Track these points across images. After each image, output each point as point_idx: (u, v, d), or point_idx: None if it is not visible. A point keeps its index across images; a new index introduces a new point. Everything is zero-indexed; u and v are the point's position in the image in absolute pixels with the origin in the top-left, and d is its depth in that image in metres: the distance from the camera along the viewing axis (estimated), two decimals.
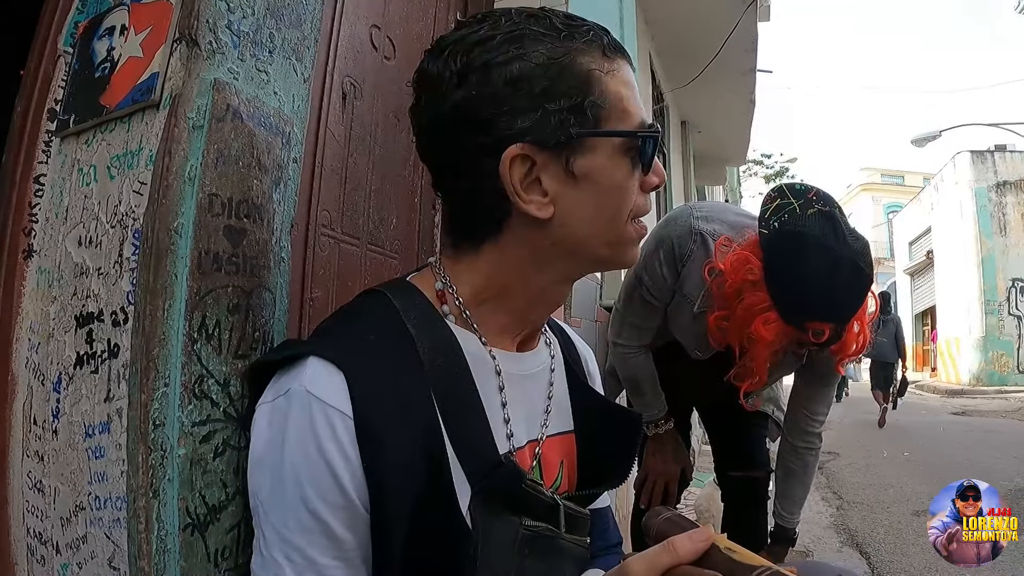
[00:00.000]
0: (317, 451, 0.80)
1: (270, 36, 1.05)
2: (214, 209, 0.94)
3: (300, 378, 0.83)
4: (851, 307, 1.69)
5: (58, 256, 1.04)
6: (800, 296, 1.66)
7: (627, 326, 2.23)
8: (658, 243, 2.03)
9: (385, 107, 1.46)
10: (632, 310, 2.19)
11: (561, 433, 1.07)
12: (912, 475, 6.18)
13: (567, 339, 1.19)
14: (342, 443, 0.80)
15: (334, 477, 0.80)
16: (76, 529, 0.96)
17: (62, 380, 1.00)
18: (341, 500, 0.80)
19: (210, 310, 0.93)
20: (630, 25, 4.03)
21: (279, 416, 0.83)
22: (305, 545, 0.80)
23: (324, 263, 1.25)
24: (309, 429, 0.80)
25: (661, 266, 2.02)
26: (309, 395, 0.81)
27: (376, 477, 0.81)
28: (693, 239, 1.96)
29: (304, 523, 0.80)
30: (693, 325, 2.03)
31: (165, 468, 0.88)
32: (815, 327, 1.66)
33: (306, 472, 0.80)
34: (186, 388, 0.90)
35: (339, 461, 0.80)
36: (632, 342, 2.23)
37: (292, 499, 0.80)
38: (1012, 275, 19.35)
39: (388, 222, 1.44)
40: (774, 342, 1.71)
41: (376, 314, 0.93)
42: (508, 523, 0.90)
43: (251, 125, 1.00)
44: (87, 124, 1.04)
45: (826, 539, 4.38)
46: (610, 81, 0.90)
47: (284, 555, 0.80)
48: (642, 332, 2.21)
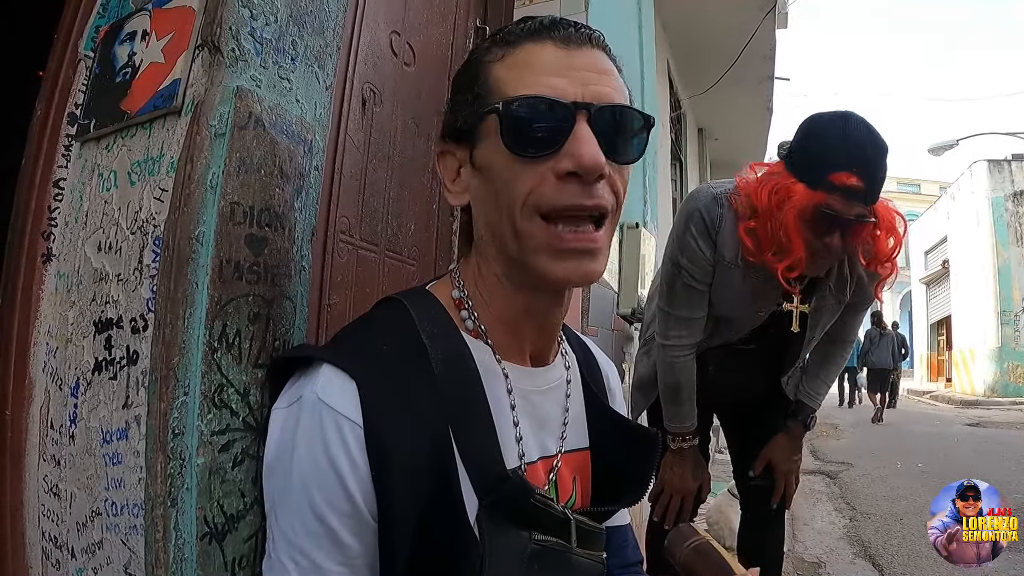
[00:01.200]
0: (326, 458, 0.81)
1: (293, 43, 1.05)
2: (236, 218, 0.94)
3: (313, 385, 0.84)
4: (870, 154, 1.78)
5: (77, 261, 1.05)
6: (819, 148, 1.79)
7: (675, 321, 2.16)
8: (687, 220, 2.04)
9: (404, 113, 1.46)
10: (677, 302, 2.14)
11: (576, 450, 1.06)
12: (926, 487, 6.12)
13: (588, 354, 1.17)
14: (351, 451, 0.81)
15: (342, 484, 0.80)
16: (92, 534, 0.97)
17: (80, 385, 1.00)
18: (348, 507, 0.81)
19: (231, 319, 0.93)
20: (648, 33, 4.03)
21: (291, 422, 0.84)
22: (311, 549, 0.81)
23: (342, 269, 1.24)
24: (319, 436, 0.81)
25: (696, 241, 2.02)
26: (320, 402, 0.82)
27: (384, 486, 0.81)
28: (719, 203, 2.00)
29: (310, 528, 0.81)
30: (743, 286, 2.04)
31: (183, 477, 0.88)
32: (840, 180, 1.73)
33: (314, 478, 0.81)
34: (206, 397, 0.89)
35: (347, 468, 0.80)
36: (683, 339, 2.16)
37: (299, 504, 0.81)
38: None
39: (406, 228, 1.44)
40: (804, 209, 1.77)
41: (391, 324, 0.93)
42: (517, 537, 0.89)
43: (273, 133, 0.99)
44: (108, 129, 1.04)
45: (839, 551, 4.35)
46: (495, 67, 0.91)
47: (290, 558, 0.81)
48: (692, 325, 2.15)
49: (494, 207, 0.90)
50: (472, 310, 0.97)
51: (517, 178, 0.87)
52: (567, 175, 0.85)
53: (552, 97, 0.85)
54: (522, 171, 0.86)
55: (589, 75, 0.88)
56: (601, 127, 0.86)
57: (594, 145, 0.84)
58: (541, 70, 0.87)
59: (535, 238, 0.87)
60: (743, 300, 2.10)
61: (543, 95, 0.85)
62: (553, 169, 0.85)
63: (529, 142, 0.86)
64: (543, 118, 0.85)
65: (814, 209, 1.76)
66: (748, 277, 2.01)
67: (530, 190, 0.86)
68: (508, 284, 0.94)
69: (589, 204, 0.86)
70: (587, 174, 0.85)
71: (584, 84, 0.87)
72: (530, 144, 0.86)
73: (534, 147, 0.86)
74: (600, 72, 0.89)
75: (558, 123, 0.85)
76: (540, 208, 0.86)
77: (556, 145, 0.85)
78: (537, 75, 0.87)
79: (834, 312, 2.15)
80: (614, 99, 0.89)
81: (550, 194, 0.85)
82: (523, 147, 0.86)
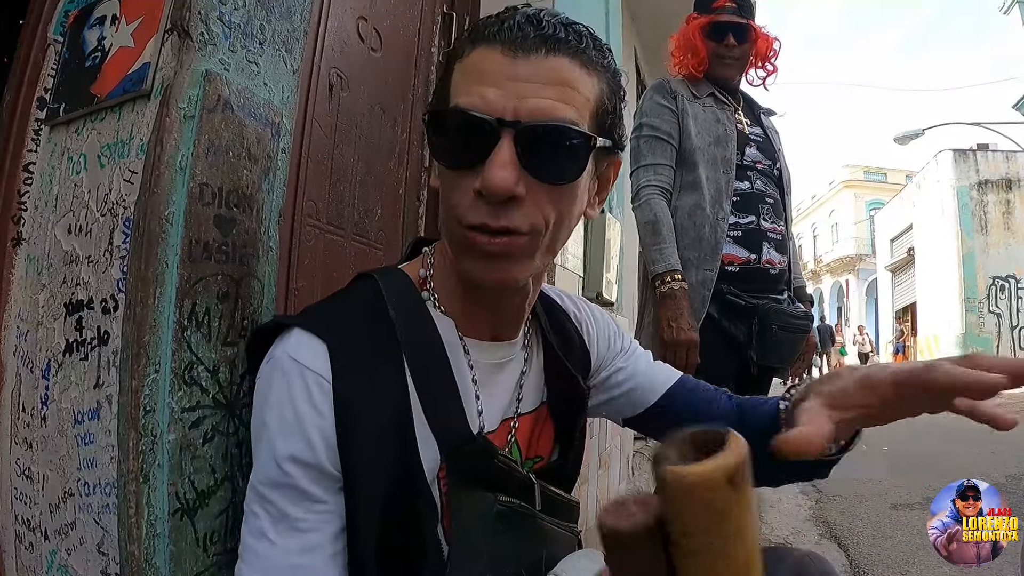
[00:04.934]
0: (292, 409, 0.84)
1: (261, 28, 1.06)
2: (205, 198, 0.95)
3: (285, 346, 0.88)
4: None
5: (47, 244, 1.05)
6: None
7: (643, 170, 2.48)
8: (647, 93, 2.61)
9: (371, 99, 1.47)
10: (643, 154, 2.50)
11: (533, 410, 1.09)
12: (891, 469, 6.21)
13: (559, 314, 1.18)
14: (317, 403, 0.84)
15: (305, 435, 0.84)
16: (65, 515, 0.98)
17: (51, 367, 1.01)
18: (311, 457, 0.84)
19: (200, 298, 0.95)
20: (616, 20, 4.05)
21: (264, 380, 0.88)
22: (277, 497, 0.84)
23: (309, 253, 1.25)
24: (286, 389, 0.85)
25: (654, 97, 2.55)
26: (291, 359, 0.86)
27: (347, 441, 0.85)
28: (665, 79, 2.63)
29: (276, 477, 0.84)
30: (705, 114, 2.52)
31: (155, 453, 0.89)
32: (720, 4, 2.52)
33: (280, 428, 0.84)
34: (176, 375, 0.91)
35: (312, 420, 0.84)
36: (652, 181, 2.44)
37: (267, 454, 0.85)
38: (992, 273, 19.50)
39: (373, 213, 1.45)
40: (702, 25, 2.53)
41: (362, 295, 0.97)
42: (482, 498, 0.93)
43: (241, 116, 1.01)
44: (77, 113, 1.05)
45: (805, 532, 4.41)
46: (456, 68, 0.90)
47: (261, 505, 0.84)
48: (659, 169, 2.46)
49: (443, 206, 0.92)
50: (433, 291, 1.00)
51: (450, 186, 0.88)
52: (477, 194, 0.84)
53: (478, 112, 0.83)
54: (453, 180, 0.87)
55: (528, 87, 0.84)
56: (526, 146, 0.83)
57: (506, 168, 0.82)
58: (481, 79, 0.85)
59: (458, 241, 0.89)
60: (709, 126, 2.49)
61: (470, 109, 0.83)
62: (471, 185, 0.85)
63: (452, 155, 0.87)
64: (467, 133, 0.84)
65: (707, 23, 2.52)
66: (706, 107, 2.53)
67: (456, 202, 0.87)
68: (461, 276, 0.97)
69: (494, 226, 0.85)
70: (491, 197, 0.83)
71: (520, 97, 0.83)
72: (453, 157, 0.87)
73: (456, 161, 0.87)
74: (544, 83, 0.84)
75: (480, 139, 0.83)
76: (462, 215, 0.86)
77: (478, 162, 0.84)
78: (477, 84, 0.85)
79: (776, 144, 2.64)
80: (553, 114, 0.84)
81: (465, 210, 0.86)
82: (446, 159, 0.88)
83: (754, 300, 2.36)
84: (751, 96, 2.76)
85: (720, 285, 2.36)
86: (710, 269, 2.35)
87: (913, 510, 4.76)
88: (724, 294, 2.36)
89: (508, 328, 1.05)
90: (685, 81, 2.61)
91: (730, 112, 2.57)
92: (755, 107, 2.73)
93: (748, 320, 2.36)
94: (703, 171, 2.42)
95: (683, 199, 2.43)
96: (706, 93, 2.57)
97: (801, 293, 2.69)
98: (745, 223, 2.43)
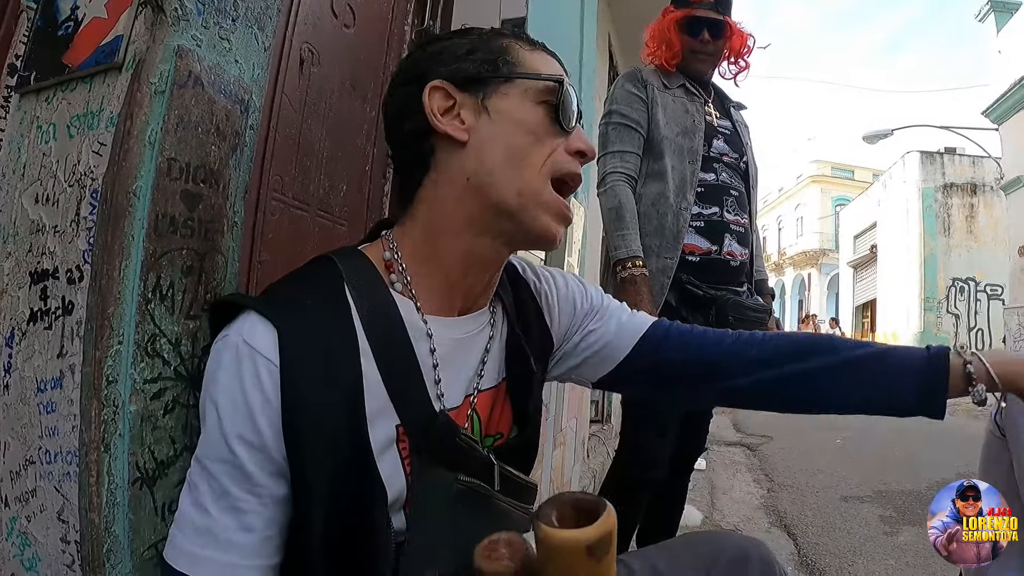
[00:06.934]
0: (240, 392, 0.86)
1: (234, 4, 1.06)
2: (172, 173, 0.96)
3: (239, 327, 0.90)
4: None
5: (14, 212, 1.05)
6: None
7: (610, 156, 2.54)
8: (619, 82, 2.65)
9: (342, 75, 1.47)
10: (610, 141, 2.55)
11: (492, 387, 1.11)
12: (843, 462, 6.32)
13: (520, 287, 1.20)
14: (264, 388, 0.86)
15: (251, 417, 0.86)
16: (26, 483, 0.98)
17: (15, 335, 1.01)
18: (256, 439, 0.86)
19: (165, 271, 0.96)
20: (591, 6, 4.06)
21: (215, 357, 0.90)
22: (220, 474, 0.86)
23: (274, 227, 1.25)
24: (235, 372, 0.87)
25: (625, 85, 2.59)
26: (243, 342, 0.88)
27: (294, 426, 0.87)
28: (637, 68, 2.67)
29: (221, 455, 0.86)
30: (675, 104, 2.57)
31: (117, 423, 0.90)
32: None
33: (228, 408, 0.86)
34: (139, 346, 0.92)
35: (259, 404, 0.86)
36: (618, 168, 2.50)
37: (214, 431, 0.87)
38: (952, 275, 19.87)
39: (338, 189, 1.45)
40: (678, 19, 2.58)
41: (319, 279, 0.99)
42: (443, 477, 0.96)
43: (212, 92, 1.01)
44: (48, 82, 1.05)
45: (756, 519, 4.49)
46: (527, 54, 1.05)
47: (204, 480, 0.86)
48: (625, 156, 2.52)
49: (506, 151, 0.99)
50: (404, 273, 1.02)
51: (543, 137, 1.01)
52: (576, 153, 1.04)
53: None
54: (548, 135, 1.02)
55: None
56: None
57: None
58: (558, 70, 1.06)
59: (543, 197, 1.01)
60: (678, 116, 2.54)
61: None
62: (565, 145, 1.03)
63: (569, 119, 1.03)
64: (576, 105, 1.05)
65: (683, 17, 2.57)
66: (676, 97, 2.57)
67: (550, 153, 1.01)
68: (472, 230, 1.01)
69: (579, 177, 1.06)
70: (590, 158, 1.07)
71: None
72: (568, 120, 1.03)
73: (567, 123, 1.03)
74: None
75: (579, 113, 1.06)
76: (555, 171, 1.02)
77: (572, 129, 1.04)
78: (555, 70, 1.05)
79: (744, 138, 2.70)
80: None
81: (564, 161, 1.03)
82: (567, 120, 1.03)
83: (712, 291, 2.41)
84: (722, 89, 2.80)
85: (680, 274, 2.41)
86: (670, 257, 2.40)
87: (863, 503, 4.87)
88: (683, 283, 2.41)
89: (480, 299, 1.09)
90: (657, 71, 2.65)
91: (700, 104, 2.61)
92: (725, 100, 2.77)
93: (706, 311, 2.40)
94: (669, 160, 2.46)
95: (648, 187, 2.48)
96: (677, 84, 2.61)
97: (762, 286, 2.76)
98: (708, 214, 2.48)
